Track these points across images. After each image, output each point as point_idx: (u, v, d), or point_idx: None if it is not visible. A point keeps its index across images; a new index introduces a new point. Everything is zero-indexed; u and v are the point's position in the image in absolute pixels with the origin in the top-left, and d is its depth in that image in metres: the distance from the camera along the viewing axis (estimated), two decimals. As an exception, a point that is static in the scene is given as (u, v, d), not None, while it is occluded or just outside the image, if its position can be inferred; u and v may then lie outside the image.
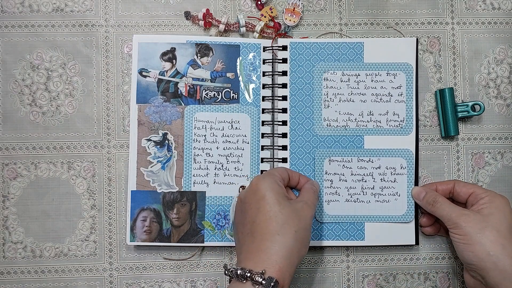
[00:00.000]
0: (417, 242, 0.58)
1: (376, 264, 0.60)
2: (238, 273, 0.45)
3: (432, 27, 0.62)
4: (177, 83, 0.59)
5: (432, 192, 0.56)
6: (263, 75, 0.59)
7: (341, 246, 0.59)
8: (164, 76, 0.58)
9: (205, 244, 0.57)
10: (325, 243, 0.58)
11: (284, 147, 0.59)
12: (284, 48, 0.59)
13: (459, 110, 0.59)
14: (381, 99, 0.59)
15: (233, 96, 0.59)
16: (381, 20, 0.61)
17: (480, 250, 0.51)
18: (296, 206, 0.51)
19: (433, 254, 0.60)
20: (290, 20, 0.60)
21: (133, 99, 0.58)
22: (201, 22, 0.59)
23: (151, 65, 0.58)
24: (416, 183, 0.59)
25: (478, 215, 0.52)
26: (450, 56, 0.62)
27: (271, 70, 0.59)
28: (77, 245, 0.58)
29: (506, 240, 0.51)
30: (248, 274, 0.45)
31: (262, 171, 0.58)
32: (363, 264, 0.60)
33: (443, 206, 0.54)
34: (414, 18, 0.62)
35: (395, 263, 0.60)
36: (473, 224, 0.52)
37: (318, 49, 0.59)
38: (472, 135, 0.61)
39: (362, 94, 0.59)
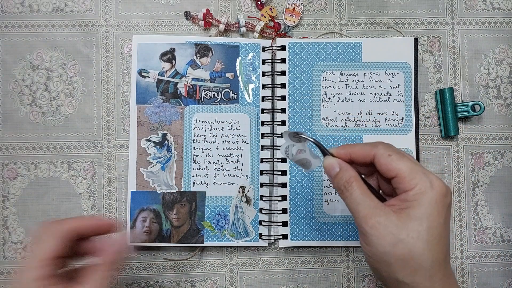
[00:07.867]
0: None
1: (376, 264, 0.60)
2: None
3: (432, 27, 0.62)
4: (176, 83, 0.59)
5: (348, 172, 0.40)
6: (263, 75, 0.59)
7: (341, 246, 0.59)
8: (164, 76, 0.58)
9: (205, 244, 0.57)
10: (325, 243, 0.58)
11: (283, 147, 0.59)
12: (283, 48, 0.59)
13: (459, 110, 0.59)
14: (379, 98, 0.59)
15: (232, 97, 0.59)
16: (381, 20, 0.61)
17: (387, 277, 0.37)
18: None
19: (433, 255, 0.60)
20: (290, 20, 0.60)
21: (132, 99, 0.58)
22: (201, 22, 0.59)
23: (151, 66, 0.58)
24: None
25: (395, 220, 0.37)
26: (450, 56, 0.61)
27: (270, 70, 0.59)
28: (77, 245, 0.58)
29: (424, 266, 0.36)
30: None
31: (262, 172, 0.58)
32: (363, 264, 0.60)
33: (353, 196, 0.39)
34: (414, 18, 0.62)
35: (395, 263, 0.60)
36: (384, 234, 0.36)
37: (316, 49, 0.59)
38: (472, 135, 0.61)
39: (361, 94, 0.59)
